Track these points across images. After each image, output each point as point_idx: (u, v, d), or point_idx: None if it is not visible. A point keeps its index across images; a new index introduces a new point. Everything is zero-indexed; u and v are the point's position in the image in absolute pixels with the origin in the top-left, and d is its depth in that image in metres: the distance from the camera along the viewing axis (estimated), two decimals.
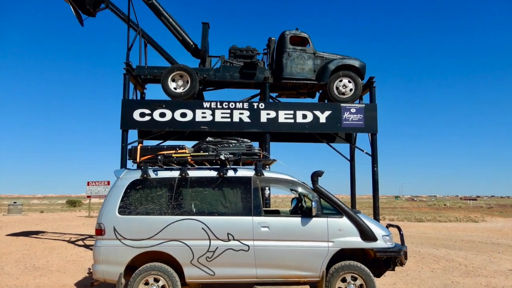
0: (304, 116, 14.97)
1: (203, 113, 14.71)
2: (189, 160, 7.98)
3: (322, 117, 15.00)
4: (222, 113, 14.72)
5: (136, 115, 14.62)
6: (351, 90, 15.26)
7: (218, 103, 14.80)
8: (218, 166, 7.92)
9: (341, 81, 15.28)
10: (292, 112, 14.99)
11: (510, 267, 12.56)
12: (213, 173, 7.82)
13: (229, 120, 14.75)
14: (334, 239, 7.41)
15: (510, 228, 26.60)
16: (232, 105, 14.82)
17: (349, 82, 15.28)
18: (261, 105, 14.96)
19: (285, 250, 7.34)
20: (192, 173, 7.83)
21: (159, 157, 7.95)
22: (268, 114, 14.92)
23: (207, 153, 8.07)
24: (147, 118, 14.62)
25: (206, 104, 14.79)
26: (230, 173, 7.81)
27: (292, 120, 14.95)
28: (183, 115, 14.67)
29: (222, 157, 7.80)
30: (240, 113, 14.81)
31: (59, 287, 9.70)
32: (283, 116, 14.95)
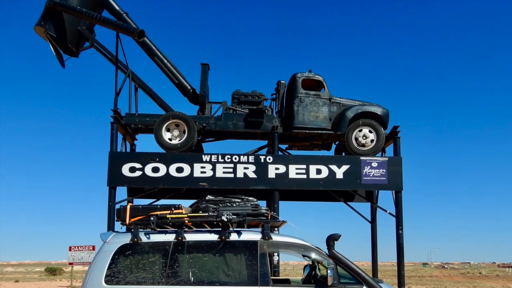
0: (318, 171, 15.05)
1: (202, 167, 14.81)
2: (186, 221, 8.07)
3: (339, 172, 15.06)
4: (224, 167, 14.82)
5: (125, 170, 14.73)
6: (372, 141, 15.33)
7: (220, 156, 14.93)
8: (220, 229, 8.00)
9: (360, 130, 15.36)
10: (304, 166, 15.08)
11: None
12: (214, 237, 7.90)
13: (232, 175, 14.85)
14: None
15: None
16: (235, 158, 14.95)
17: (370, 132, 15.36)
18: (269, 159, 15.08)
19: None
20: (190, 237, 7.91)
21: (152, 218, 8.04)
22: (277, 168, 15.00)
23: (207, 214, 8.16)
24: (137, 173, 14.73)
25: (205, 157, 14.91)
26: (233, 237, 7.90)
27: (304, 176, 15.02)
28: (179, 170, 14.78)
29: (224, 218, 7.89)
30: (245, 168, 14.91)
31: None
32: (294, 171, 15.02)
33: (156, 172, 14.72)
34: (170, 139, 14.99)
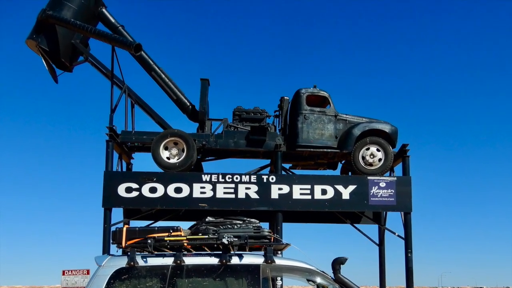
0: (324, 192, 15.01)
1: (202, 187, 14.79)
2: (185, 244, 8.05)
3: (345, 192, 15.02)
4: (224, 187, 14.81)
5: (121, 190, 14.70)
6: (380, 160, 15.30)
7: (220, 176, 14.92)
8: (220, 252, 7.98)
9: (368, 149, 15.33)
10: (309, 186, 15.05)
11: None
12: (214, 260, 7.88)
13: (233, 196, 14.83)
14: None
15: None
16: (236, 178, 14.94)
17: (378, 150, 15.32)
18: (272, 178, 15.06)
19: None
20: (189, 260, 7.89)
21: (149, 241, 8.01)
22: (280, 189, 14.97)
23: (207, 236, 8.13)
24: (134, 193, 14.69)
25: (205, 177, 14.90)
26: (235, 260, 7.87)
27: (309, 196, 14.98)
28: (178, 190, 14.76)
29: (224, 241, 7.87)
30: (247, 188, 14.89)
31: None
32: (298, 192, 14.99)
33: (154, 193, 14.68)
34: (168, 158, 14.95)
